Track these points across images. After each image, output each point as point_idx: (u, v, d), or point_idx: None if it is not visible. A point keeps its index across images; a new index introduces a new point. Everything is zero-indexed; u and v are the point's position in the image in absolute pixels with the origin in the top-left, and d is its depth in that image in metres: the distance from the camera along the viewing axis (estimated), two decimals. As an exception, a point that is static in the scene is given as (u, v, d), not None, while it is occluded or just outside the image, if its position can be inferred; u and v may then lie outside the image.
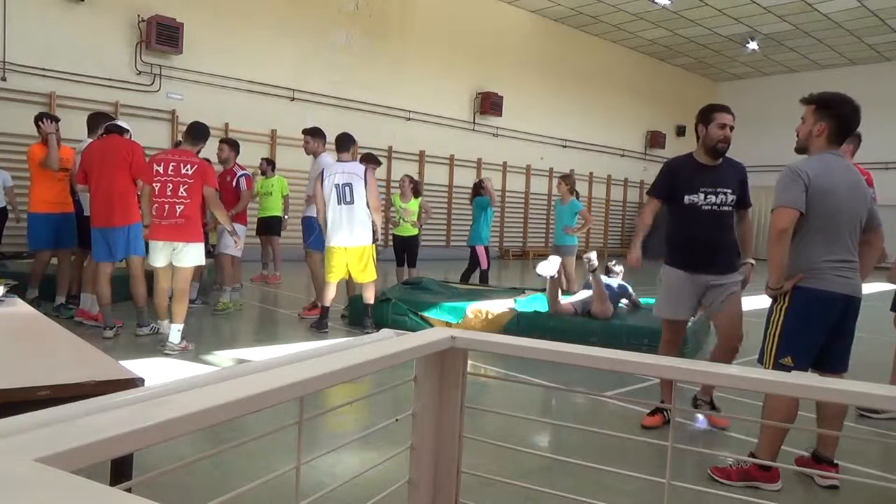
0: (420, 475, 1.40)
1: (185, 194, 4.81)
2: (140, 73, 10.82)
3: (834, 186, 2.71)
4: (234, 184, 6.88)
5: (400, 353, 1.20)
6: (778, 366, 2.71)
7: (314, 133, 6.39)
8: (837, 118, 2.78)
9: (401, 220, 8.23)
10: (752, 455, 2.85)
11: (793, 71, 20.44)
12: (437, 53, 14.94)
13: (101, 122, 5.80)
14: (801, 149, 2.89)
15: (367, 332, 5.74)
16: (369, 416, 3.60)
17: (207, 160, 5.24)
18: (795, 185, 2.69)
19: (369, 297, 5.92)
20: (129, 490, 0.71)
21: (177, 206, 4.80)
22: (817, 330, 2.75)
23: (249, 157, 11.03)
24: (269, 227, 8.99)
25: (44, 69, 9.75)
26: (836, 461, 2.89)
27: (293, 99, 12.58)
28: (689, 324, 5.42)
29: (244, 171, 6.99)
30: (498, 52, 16.16)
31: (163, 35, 10.61)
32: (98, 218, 5.11)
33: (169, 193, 4.81)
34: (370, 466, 1.42)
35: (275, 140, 12.32)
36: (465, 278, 8.50)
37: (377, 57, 13.85)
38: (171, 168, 4.84)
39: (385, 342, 1.27)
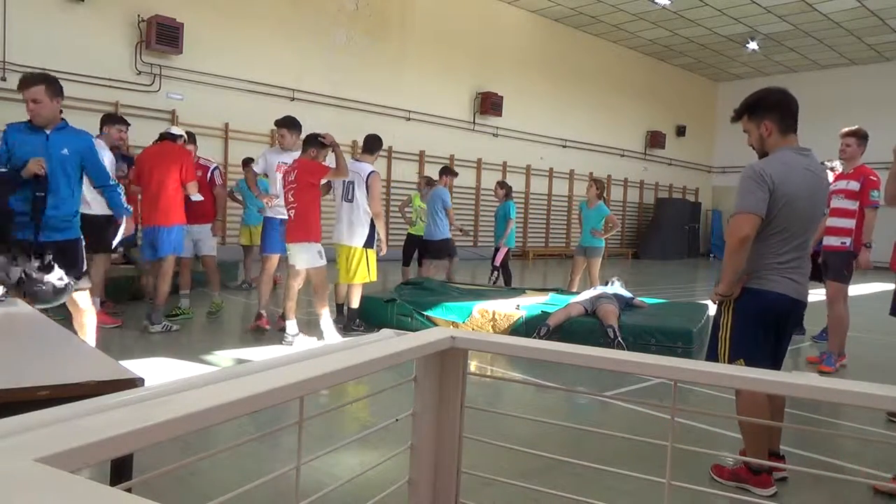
0: (420, 475, 1.40)
1: (292, 199, 5.19)
2: (140, 73, 10.81)
3: (795, 191, 2.60)
4: (207, 179, 6.40)
5: (400, 353, 1.21)
6: None
7: (296, 125, 5.94)
8: (774, 109, 2.68)
9: (418, 220, 8.30)
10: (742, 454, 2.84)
11: (793, 71, 20.43)
12: (437, 53, 14.94)
13: (110, 122, 5.82)
14: (764, 154, 2.78)
15: (355, 334, 5.78)
16: (369, 416, 3.60)
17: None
18: (759, 190, 2.56)
19: (354, 299, 5.82)
20: (129, 490, 0.71)
21: (290, 211, 5.23)
22: (764, 332, 2.70)
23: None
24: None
25: (44, 69, 9.72)
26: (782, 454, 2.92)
27: (293, 99, 12.58)
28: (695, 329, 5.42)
29: (216, 165, 6.61)
30: (498, 52, 16.16)
31: (163, 35, 10.60)
32: (146, 217, 5.52)
33: (290, 200, 5.23)
34: (370, 466, 1.42)
35: (274, 140, 12.31)
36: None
37: (377, 57, 13.85)
38: (287, 177, 5.27)
39: (385, 342, 1.27)
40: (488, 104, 15.73)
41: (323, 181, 5.32)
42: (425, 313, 5.98)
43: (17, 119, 4.57)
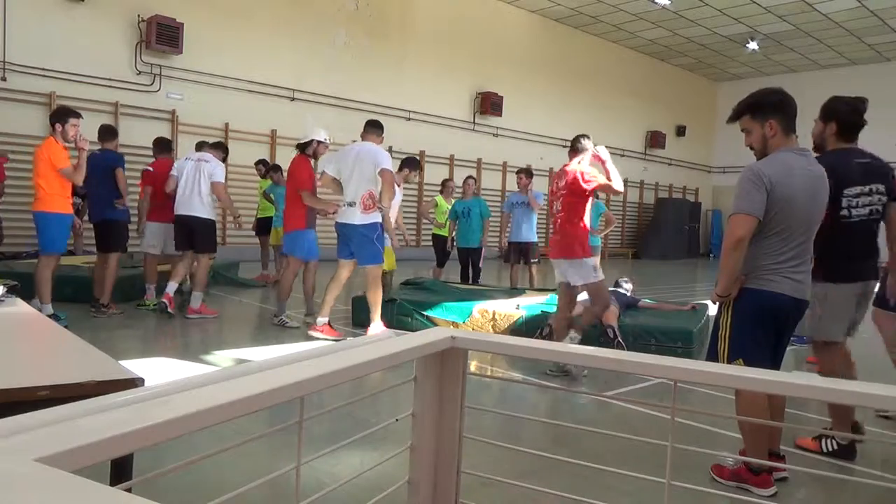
0: (420, 475, 1.40)
1: (559, 209, 4.73)
2: (140, 73, 10.81)
3: (794, 192, 2.59)
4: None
5: (400, 353, 1.21)
6: None
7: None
8: (779, 109, 2.68)
9: (447, 221, 8.35)
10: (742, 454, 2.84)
11: (793, 71, 20.43)
12: (437, 53, 14.94)
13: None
14: (763, 154, 2.76)
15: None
16: (369, 416, 3.60)
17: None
18: (757, 191, 2.56)
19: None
20: (129, 490, 0.71)
21: (556, 222, 4.76)
22: (765, 331, 2.69)
23: (249, 157, 11.03)
24: (268, 228, 8.99)
25: (44, 69, 9.75)
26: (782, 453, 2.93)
27: (293, 99, 12.57)
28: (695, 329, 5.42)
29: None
30: (498, 52, 16.15)
31: (163, 35, 10.61)
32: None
33: (556, 210, 4.75)
34: (370, 466, 1.42)
35: (275, 140, 12.32)
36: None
37: (377, 57, 13.85)
38: (555, 185, 4.82)
39: (385, 342, 1.27)
40: (488, 104, 15.73)
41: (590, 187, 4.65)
42: (425, 313, 5.98)
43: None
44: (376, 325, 5.52)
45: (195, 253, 6.36)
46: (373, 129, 5.62)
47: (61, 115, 5.50)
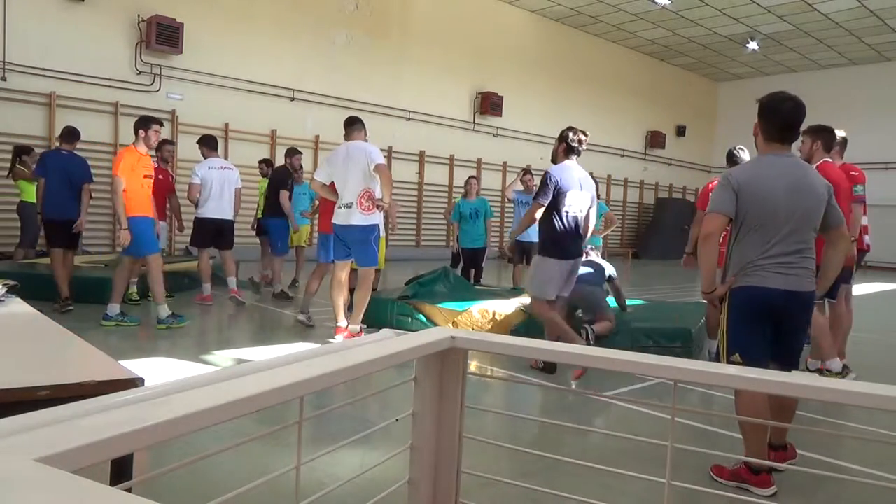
0: (420, 475, 1.40)
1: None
2: (140, 73, 10.81)
3: (769, 189, 2.71)
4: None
5: (400, 353, 1.21)
6: (730, 363, 2.73)
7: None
8: (769, 114, 2.78)
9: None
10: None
11: (793, 71, 20.42)
12: (437, 53, 14.94)
13: (213, 143, 7.20)
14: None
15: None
16: (369, 416, 3.60)
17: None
18: (724, 192, 2.77)
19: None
20: (129, 490, 0.72)
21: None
22: (757, 326, 2.76)
23: (249, 157, 11.02)
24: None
25: (44, 69, 9.75)
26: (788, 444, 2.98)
27: (293, 99, 12.57)
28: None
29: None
30: (498, 52, 16.15)
31: (163, 35, 10.61)
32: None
33: None
34: (370, 466, 1.42)
35: (275, 140, 12.32)
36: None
37: (377, 57, 13.85)
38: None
39: (385, 342, 1.27)
40: (488, 104, 15.73)
41: None
42: (426, 304, 6.00)
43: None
44: (355, 327, 5.34)
45: (221, 250, 7.14)
46: (353, 126, 5.43)
47: (144, 122, 5.59)
